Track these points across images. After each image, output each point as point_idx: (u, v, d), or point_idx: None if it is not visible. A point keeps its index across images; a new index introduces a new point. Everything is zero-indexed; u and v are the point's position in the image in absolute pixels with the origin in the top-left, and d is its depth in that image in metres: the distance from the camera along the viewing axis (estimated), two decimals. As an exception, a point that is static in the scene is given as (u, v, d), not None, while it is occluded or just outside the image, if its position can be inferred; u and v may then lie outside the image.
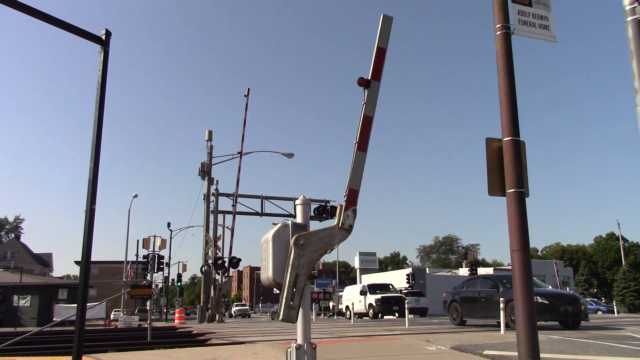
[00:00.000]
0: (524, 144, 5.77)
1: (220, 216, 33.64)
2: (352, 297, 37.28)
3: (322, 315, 54.04)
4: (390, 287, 36.78)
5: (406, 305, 20.57)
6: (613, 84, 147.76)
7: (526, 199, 5.52)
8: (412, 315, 27.88)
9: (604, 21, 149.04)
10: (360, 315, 36.48)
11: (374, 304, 32.91)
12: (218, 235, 32.78)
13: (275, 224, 4.50)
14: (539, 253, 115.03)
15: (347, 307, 38.15)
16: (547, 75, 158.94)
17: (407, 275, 46.03)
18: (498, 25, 5.82)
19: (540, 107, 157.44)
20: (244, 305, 79.40)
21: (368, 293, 34.26)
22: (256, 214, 34.34)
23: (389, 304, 32.56)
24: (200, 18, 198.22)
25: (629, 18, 5.23)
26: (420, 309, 37.23)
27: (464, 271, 61.08)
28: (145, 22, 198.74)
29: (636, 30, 5.22)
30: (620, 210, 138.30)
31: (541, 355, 5.13)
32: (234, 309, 72.65)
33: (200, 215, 34.26)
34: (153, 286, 31.09)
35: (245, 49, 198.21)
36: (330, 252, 4.51)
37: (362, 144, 4.60)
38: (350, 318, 34.61)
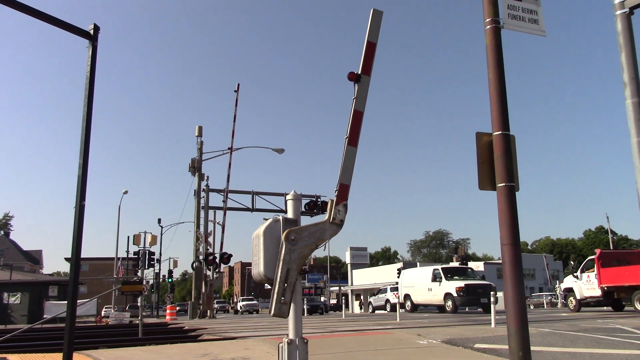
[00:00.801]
0: (514, 138, 5.78)
1: (211, 212, 33.57)
2: (415, 284, 29.11)
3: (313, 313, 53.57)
4: (469, 271, 28.72)
5: (397, 300, 20.56)
6: (603, 78, 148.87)
7: (516, 192, 5.54)
8: (402, 310, 27.74)
9: (594, 14, 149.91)
10: (429, 307, 30.02)
11: (455, 294, 25.08)
12: (209, 231, 32.74)
13: (266, 220, 4.49)
14: (529, 247, 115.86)
15: (406, 296, 29.62)
16: (537, 69, 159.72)
17: (398, 269, 46.15)
18: (488, 20, 5.83)
19: (530, 100, 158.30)
20: (252, 300, 63.38)
21: (444, 279, 26.24)
22: (247, 209, 34.32)
23: (475, 295, 24.91)
24: (191, 13, 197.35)
25: (618, 12, 5.25)
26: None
27: (454, 265, 61.37)
28: (136, 17, 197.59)
29: (625, 24, 5.25)
30: (610, 204, 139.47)
31: (531, 348, 5.17)
32: (240, 304, 60.69)
33: (191, 211, 34.19)
34: (144, 282, 31.05)
35: (237, 45, 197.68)
36: (324, 248, 4.51)
37: (353, 139, 4.60)
38: (412, 311, 28.82)
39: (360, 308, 60.91)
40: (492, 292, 14.75)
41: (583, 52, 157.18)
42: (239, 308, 59.62)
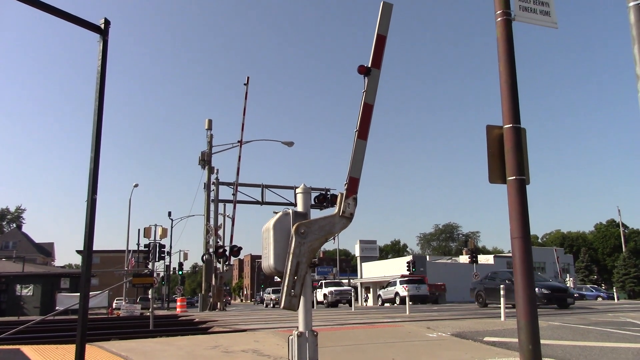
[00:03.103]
0: (525, 131, 5.75)
1: (220, 205, 33.65)
2: None
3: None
4: None
5: (407, 293, 20.59)
6: (614, 69, 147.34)
7: (526, 186, 5.51)
8: (411, 303, 27.72)
9: (606, 5, 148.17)
10: None
11: None
12: (219, 224, 32.82)
13: (276, 213, 4.51)
14: (539, 240, 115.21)
15: None
16: (546, 59, 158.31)
17: (407, 262, 46.17)
18: (499, 12, 5.78)
19: (540, 92, 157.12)
20: (339, 284, 43.50)
21: None
22: (257, 202, 34.35)
23: None
24: (200, 6, 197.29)
25: (632, 3, 5.18)
26: (421, 296, 37.19)
27: (464, 258, 61.28)
28: (145, 10, 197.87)
29: (638, 16, 5.18)
30: (621, 196, 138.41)
31: (541, 341, 5.16)
32: (324, 290, 39.74)
33: (201, 204, 34.29)
34: (154, 275, 31.24)
35: (246, 37, 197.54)
36: (334, 241, 4.53)
37: (363, 132, 4.59)
38: None
39: (366, 301, 60.69)
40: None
41: (593, 43, 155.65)
42: (321, 298, 39.23)
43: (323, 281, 43.06)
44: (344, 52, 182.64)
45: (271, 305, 46.37)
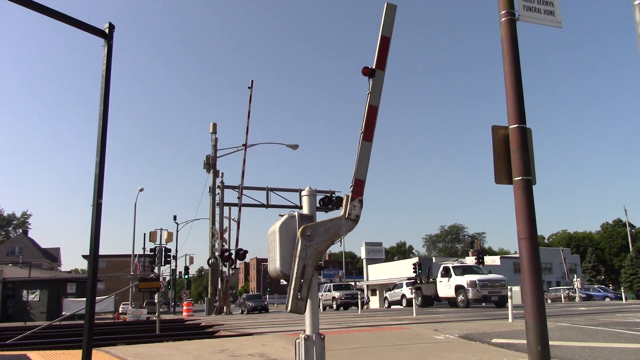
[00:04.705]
0: (530, 131, 5.72)
1: (226, 208, 33.65)
2: None
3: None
4: None
5: (413, 295, 20.54)
6: (619, 67, 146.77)
7: (533, 186, 5.48)
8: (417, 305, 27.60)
9: (611, 3, 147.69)
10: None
11: None
12: (224, 227, 32.83)
13: (282, 216, 4.49)
14: (546, 240, 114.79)
15: None
16: (552, 58, 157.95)
17: (413, 264, 46.01)
18: (503, 12, 5.76)
19: (545, 91, 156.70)
20: (476, 269, 31.04)
21: None
22: (262, 205, 34.35)
23: None
24: (205, 8, 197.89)
25: (637, 2, 5.16)
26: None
27: (470, 260, 61.12)
28: (150, 13, 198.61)
29: (643, 14, 5.14)
30: (627, 196, 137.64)
31: (550, 342, 5.12)
32: (469, 278, 27.33)
33: (207, 208, 34.32)
34: (160, 279, 31.24)
35: (250, 40, 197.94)
36: (340, 244, 4.52)
37: (368, 134, 4.57)
38: None
39: (367, 303, 60.32)
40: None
41: (598, 40, 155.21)
42: (446, 293, 28.88)
43: (450, 265, 29.27)
44: (349, 53, 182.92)
45: (334, 307, 37.14)
